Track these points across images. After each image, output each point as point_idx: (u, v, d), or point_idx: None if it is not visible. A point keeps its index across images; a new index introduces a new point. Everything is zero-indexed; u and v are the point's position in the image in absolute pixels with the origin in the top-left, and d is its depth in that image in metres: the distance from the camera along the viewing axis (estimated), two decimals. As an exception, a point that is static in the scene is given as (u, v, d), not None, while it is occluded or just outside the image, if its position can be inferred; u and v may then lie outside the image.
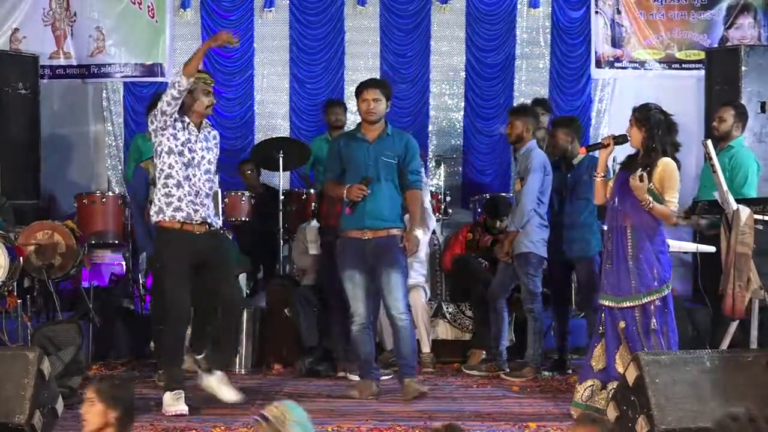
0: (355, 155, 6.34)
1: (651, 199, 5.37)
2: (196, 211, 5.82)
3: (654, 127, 5.47)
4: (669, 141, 5.48)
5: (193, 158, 5.84)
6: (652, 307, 5.41)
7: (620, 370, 5.37)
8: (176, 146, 5.82)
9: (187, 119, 5.88)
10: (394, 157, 6.31)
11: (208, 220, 5.89)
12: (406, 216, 6.46)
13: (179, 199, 5.80)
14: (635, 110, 5.58)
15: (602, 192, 5.64)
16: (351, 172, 6.32)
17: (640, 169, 5.43)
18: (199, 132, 5.89)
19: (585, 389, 5.55)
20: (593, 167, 5.86)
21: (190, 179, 5.82)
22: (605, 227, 5.81)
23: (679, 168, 5.51)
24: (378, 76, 10.03)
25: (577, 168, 7.11)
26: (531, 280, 7.03)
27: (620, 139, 5.65)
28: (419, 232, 6.33)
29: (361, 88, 6.40)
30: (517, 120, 7.14)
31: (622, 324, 5.43)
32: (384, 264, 6.22)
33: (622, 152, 5.96)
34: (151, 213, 5.89)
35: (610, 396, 5.23)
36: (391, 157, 6.30)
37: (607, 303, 5.52)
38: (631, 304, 5.46)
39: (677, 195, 5.45)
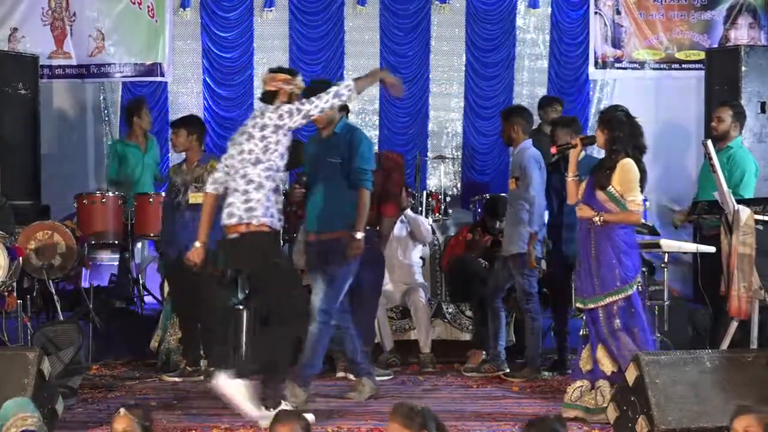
0: (309, 155, 6.32)
1: (599, 217, 5.42)
2: (280, 219, 5.62)
3: (615, 128, 5.52)
4: (632, 143, 5.51)
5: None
6: (615, 307, 5.44)
7: (604, 368, 5.43)
8: (286, 150, 5.60)
9: None
10: (338, 156, 6.09)
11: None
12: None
13: (274, 204, 5.53)
14: (600, 112, 5.68)
15: (575, 192, 5.69)
16: (308, 172, 6.31)
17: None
18: None
19: (574, 390, 5.58)
20: (591, 168, 5.88)
21: (280, 185, 5.67)
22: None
23: (643, 172, 5.52)
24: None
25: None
26: (526, 279, 7.04)
27: (588, 140, 5.74)
28: (359, 234, 5.99)
29: None
30: (505, 122, 7.17)
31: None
32: (330, 267, 6.05)
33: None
34: (258, 214, 5.44)
35: (611, 396, 5.24)
36: (334, 156, 6.09)
37: (578, 305, 5.58)
38: (594, 305, 5.51)
39: (638, 195, 5.46)
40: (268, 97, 5.66)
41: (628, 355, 5.37)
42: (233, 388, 5.44)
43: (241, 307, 7.31)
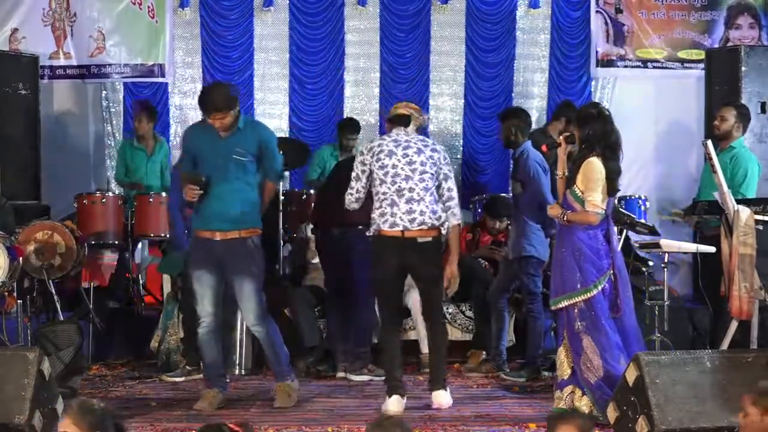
0: (205, 150, 5.97)
1: (564, 214, 5.44)
2: None
3: (585, 126, 5.49)
4: (602, 142, 5.44)
5: None
6: (576, 309, 5.43)
7: (561, 373, 5.52)
8: None
9: None
10: (247, 154, 5.94)
11: None
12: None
13: None
14: (577, 110, 5.66)
15: (563, 190, 5.67)
16: (202, 168, 5.96)
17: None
18: None
19: (566, 395, 5.55)
20: None
21: None
22: None
23: (614, 169, 5.44)
24: (378, 76, 10.06)
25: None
26: (531, 280, 7.04)
27: (569, 138, 5.70)
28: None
29: (207, 112, 5.91)
30: (502, 123, 7.16)
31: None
32: (234, 270, 5.96)
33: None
34: (445, 226, 5.98)
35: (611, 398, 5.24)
36: (242, 154, 5.92)
37: (551, 307, 5.63)
38: (554, 307, 5.55)
39: (596, 195, 5.37)
40: (403, 120, 6.07)
41: (587, 366, 5.37)
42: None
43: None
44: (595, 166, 5.40)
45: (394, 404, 5.81)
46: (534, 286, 7.06)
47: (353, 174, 6.03)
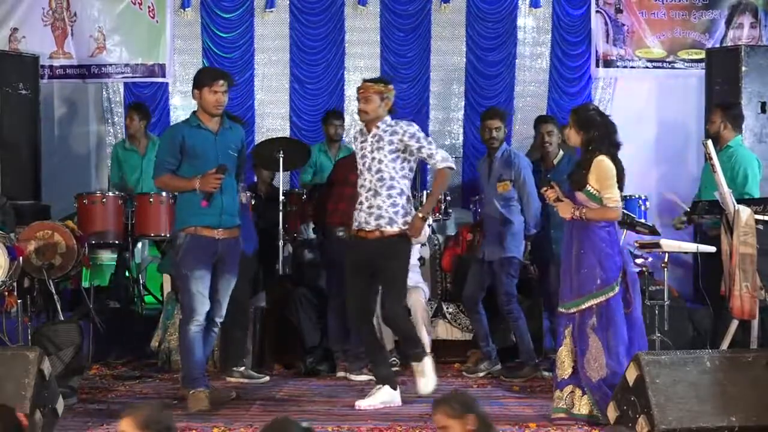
0: (202, 147, 5.97)
1: (580, 211, 5.44)
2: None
3: (590, 129, 5.52)
4: (608, 141, 5.51)
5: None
6: (594, 307, 5.43)
7: (561, 372, 5.50)
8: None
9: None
10: (235, 150, 6.10)
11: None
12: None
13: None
14: (573, 111, 5.68)
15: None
16: (197, 165, 5.94)
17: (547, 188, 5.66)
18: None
19: (566, 395, 5.54)
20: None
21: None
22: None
23: (620, 167, 5.51)
24: (378, 76, 10.05)
25: (557, 167, 7.19)
26: (511, 281, 7.07)
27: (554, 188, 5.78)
28: None
29: (215, 78, 5.96)
30: (501, 123, 7.20)
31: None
32: (227, 268, 6.06)
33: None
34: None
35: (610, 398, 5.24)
36: (234, 150, 6.08)
37: (561, 309, 5.60)
38: (575, 309, 5.52)
39: (615, 191, 5.44)
40: None
41: (590, 365, 5.36)
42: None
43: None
44: (607, 164, 5.46)
45: None
46: (511, 288, 7.10)
47: None
